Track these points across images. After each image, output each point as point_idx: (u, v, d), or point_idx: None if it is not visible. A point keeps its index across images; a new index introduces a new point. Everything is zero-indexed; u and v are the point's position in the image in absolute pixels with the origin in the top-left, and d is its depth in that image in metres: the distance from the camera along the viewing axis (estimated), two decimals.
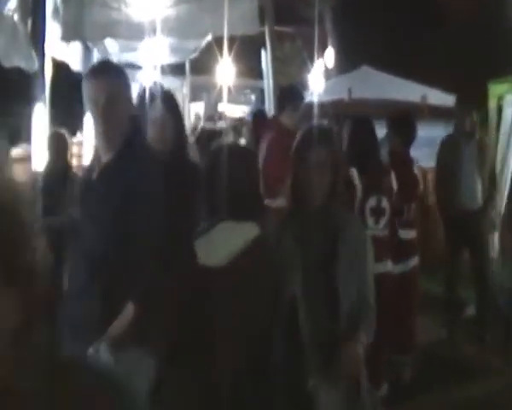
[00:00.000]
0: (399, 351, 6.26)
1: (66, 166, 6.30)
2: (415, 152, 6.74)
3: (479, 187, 7.59)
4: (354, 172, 5.55)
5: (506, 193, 8.89)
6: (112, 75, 3.52)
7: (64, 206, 5.98)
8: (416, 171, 6.42)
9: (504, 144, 9.06)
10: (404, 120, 6.61)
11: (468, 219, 7.45)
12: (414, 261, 6.35)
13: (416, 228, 6.42)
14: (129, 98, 3.59)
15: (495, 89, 9.27)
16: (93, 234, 3.49)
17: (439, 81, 12.15)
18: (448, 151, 7.70)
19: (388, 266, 5.54)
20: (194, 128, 11.23)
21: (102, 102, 3.40)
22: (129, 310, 3.29)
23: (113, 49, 14.73)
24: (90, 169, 3.65)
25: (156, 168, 3.51)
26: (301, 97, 7.00)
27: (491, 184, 7.70)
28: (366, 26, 15.52)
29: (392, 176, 5.74)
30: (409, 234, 6.30)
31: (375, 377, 5.11)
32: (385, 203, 5.57)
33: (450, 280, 7.82)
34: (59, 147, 6.23)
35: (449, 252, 7.82)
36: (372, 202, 5.51)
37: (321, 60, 14.32)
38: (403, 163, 6.30)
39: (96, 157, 3.62)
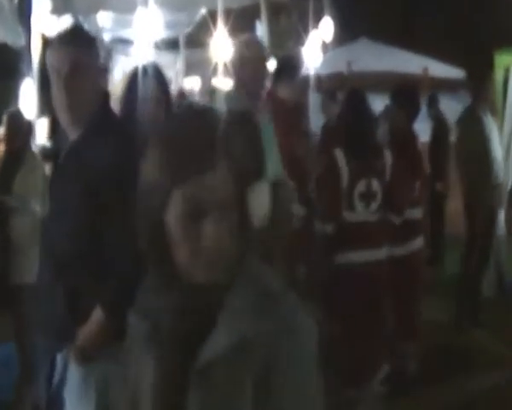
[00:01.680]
0: (402, 337, 5.73)
1: (24, 148, 5.64)
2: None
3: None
4: (338, 153, 5.03)
5: None
6: (78, 42, 3.02)
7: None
8: (420, 147, 5.83)
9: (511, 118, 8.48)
10: (410, 92, 6.01)
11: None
12: (418, 243, 5.85)
13: (421, 207, 5.83)
14: (98, 70, 3.10)
15: (501, 60, 8.68)
16: (60, 224, 3.00)
17: (441, 53, 11.65)
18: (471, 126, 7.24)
19: (382, 253, 5.06)
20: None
21: (65, 71, 2.91)
22: (97, 315, 2.86)
23: (106, 25, 14.22)
24: (53, 149, 3.10)
25: (133, 147, 2.95)
26: (299, 67, 6.40)
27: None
28: None
29: (388, 153, 5.17)
30: (413, 213, 5.73)
31: (373, 362, 4.99)
32: (376, 186, 5.04)
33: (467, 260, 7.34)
34: (15, 127, 5.59)
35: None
36: (361, 186, 5.00)
37: (317, 33, 13.77)
38: (406, 139, 5.77)
39: (62, 136, 3.07)
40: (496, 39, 9.81)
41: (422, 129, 7.59)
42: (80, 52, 2.95)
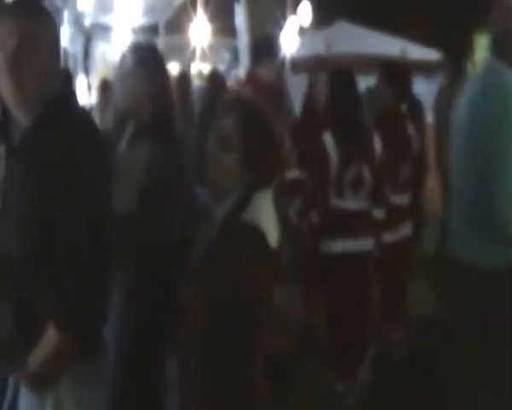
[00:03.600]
0: (389, 322, 5.40)
1: None
2: None
3: None
4: (328, 138, 4.64)
5: None
6: (27, 14, 2.44)
7: None
8: (410, 130, 5.35)
9: None
10: (400, 71, 5.54)
11: None
12: (407, 229, 5.41)
13: (409, 192, 5.36)
14: (53, 46, 2.53)
15: (482, 41, 8.25)
16: (8, 222, 2.49)
17: (419, 34, 11.25)
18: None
19: (370, 243, 4.70)
20: None
21: (12, 47, 2.39)
22: (51, 335, 2.35)
23: (86, 9, 13.71)
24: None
25: (94, 140, 2.47)
26: (277, 48, 6.00)
27: None
28: None
29: (377, 138, 4.79)
30: (401, 199, 5.33)
31: (360, 348, 4.72)
32: (366, 172, 4.66)
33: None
34: None
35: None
36: (351, 172, 4.62)
37: (294, 16, 13.35)
38: (396, 120, 5.33)
39: (13, 121, 2.55)
40: (476, 21, 9.41)
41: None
42: (31, 24, 2.40)
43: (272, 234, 2.47)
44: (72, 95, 2.68)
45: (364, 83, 5.96)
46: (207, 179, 2.60)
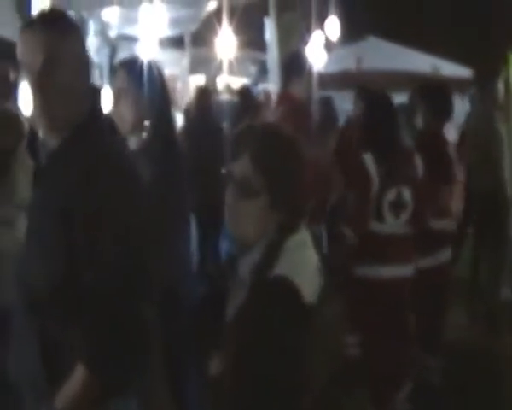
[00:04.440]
0: (426, 351, 5.08)
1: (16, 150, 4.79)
2: None
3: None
4: (368, 159, 4.40)
5: None
6: (54, 28, 2.20)
7: None
8: (450, 151, 5.07)
9: None
10: (441, 91, 5.23)
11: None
12: (446, 254, 5.11)
13: (451, 217, 5.07)
14: (82, 62, 2.28)
15: None
16: (32, 253, 2.25)
17: (452, 52, 10.96)
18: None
19: (409, 269, 4.47)
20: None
21: (39, 64, 2.16)
22: (79, 373, 2.13)
23: (112, 21, 13.55)
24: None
25: (121, 164, 2.21)
26: (306, 63, 5.75)
27: None
28: None
29: (418, 160, 4.55)
30: (441, 224, 5.03)
31: (397, 378, 4.49)
32: (407, 195, 4.43)
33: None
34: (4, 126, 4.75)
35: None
36: (391, 194, 4.39)
37: (322, 31, 13.11)
38: (437, 143, 5.05)
39: (41, 141, 2.35)
40: (508, 39, 9.12)
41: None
42: (57, 38, 2.17)
43: (311, 284, 2.10)
44: (100, 115, 2.38)
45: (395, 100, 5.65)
46: (230, 229, 2.20)
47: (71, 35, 2.25)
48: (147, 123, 3.09)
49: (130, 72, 3.16)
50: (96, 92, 2.36)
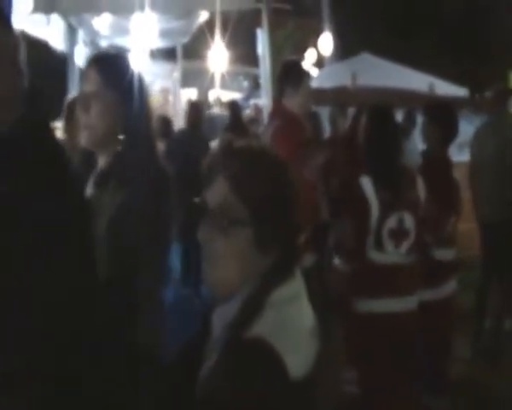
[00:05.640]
0: (432, 390, 4.66)
1: None
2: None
3: None
4: (367, 182, 3.94)
5: None
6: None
7: None
8: (456, 175, 4.69)
9: None
10: (448, 110, 4.84)
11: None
12: (451, 286, 4.69)
13: (455, 247, 4.67)
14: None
15: None
16: None
17: (446, 70, 10.72)
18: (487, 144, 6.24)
19: (412, 302, 4.02)
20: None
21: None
22: None
23: (103, 31, 13.22)
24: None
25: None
26: (303, 75, 5.31)
27: None
28: (366, 11, 13.99)
29: (421, 183, 4.10)
30: (447, 254, 4.62)
31: None
32: (409, 222, 3.97)
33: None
34: None
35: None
36: (392, 221, 3.92)
37: (315, 46, 12.89)
38: (442, 165, 4.63)
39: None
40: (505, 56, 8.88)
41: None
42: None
43: (299, 350, 1.61)
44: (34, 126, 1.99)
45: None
46: (204, 274, 1.70)
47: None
48: (121, 137, 2.56)
49: (102, 71, 2.59)
50: (32, 100, 1.96)
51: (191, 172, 6.94)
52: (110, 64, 2.64)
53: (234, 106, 8.88)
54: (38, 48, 8.02)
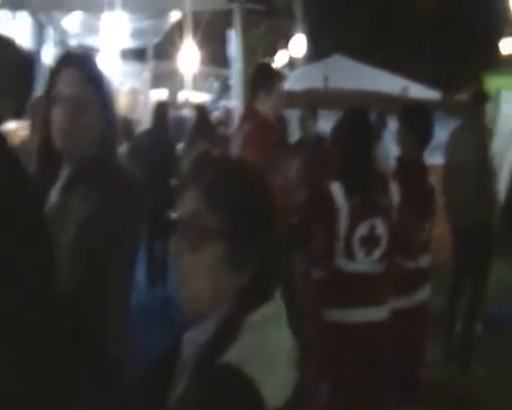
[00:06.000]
0: (404, 401, 4.47)
1: None
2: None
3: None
4: (337, 187, 3.77)
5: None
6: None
7: None
8: (431, 180, 4.57)
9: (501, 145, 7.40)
10: (424, 114, 4.71)
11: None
12: (424, 293, 4.55)
13: (429, 252, 4.55)
14: None
15: (492, 82, 7.60)
16: None
17: (419, 73, 10.68)
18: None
19: (384, 311, 3.88)
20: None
21: None
22: None
23: (73, 30, 13.00)
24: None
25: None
26: (277, 76, 5.16)
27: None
28: (339, 13, 13.92)
29: (394, 188, 3.94)
30: (421, 261, 4.48)
31: None
32: (381, 229, 3.82)
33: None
34: None
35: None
36: (363, 228, 3.77)
37: (286, 48, 12.79)
38: (417, 170, 4.49)
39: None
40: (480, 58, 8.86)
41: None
42: None
43: (276, 379, 1.47)
44: None
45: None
46: (175, 293, 1.58)
47: None
48: (93, 140, 2.39)
49: (84, 72, 2.43)
50: None
51: (154, 172, 6.86)
52: (90, 65, 2.50)
53: (201, 107, 8.79)
54: (3, 46, 7.82)
